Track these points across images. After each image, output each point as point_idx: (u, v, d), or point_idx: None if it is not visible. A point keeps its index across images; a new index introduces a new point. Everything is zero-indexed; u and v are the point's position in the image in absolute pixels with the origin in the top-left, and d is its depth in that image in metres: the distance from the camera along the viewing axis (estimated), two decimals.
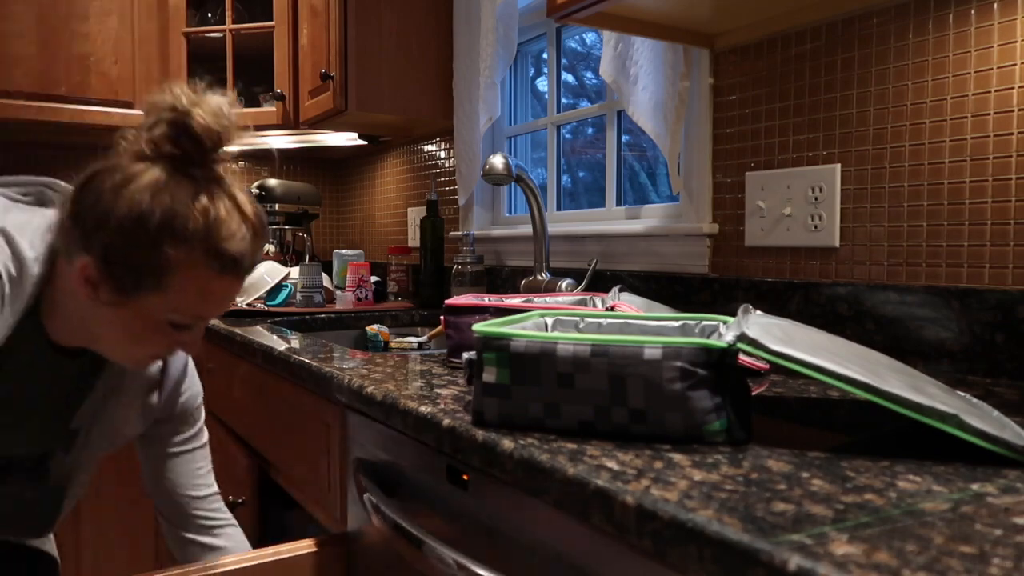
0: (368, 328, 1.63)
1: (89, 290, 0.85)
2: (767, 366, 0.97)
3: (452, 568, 0.69)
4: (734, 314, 1.20)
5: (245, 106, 2.49)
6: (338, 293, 1.99)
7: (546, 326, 0.84)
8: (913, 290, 1.01)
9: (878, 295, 1.05)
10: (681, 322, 0.80)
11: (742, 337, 0.63)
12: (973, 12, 0.96)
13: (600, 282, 1.54)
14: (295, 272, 1.97)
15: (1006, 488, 0.51)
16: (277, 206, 2.48)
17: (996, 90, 0.94)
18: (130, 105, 2.34)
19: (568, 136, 1.96)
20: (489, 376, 0.69)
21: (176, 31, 2.37)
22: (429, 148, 2.36)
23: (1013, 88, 0.92)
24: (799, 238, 1.17)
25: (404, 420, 0.80)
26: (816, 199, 1.14)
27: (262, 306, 1.91)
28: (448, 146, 2.25)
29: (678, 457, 0.59)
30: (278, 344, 1.28)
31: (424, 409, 0.77)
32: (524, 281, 1.59)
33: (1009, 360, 0.91)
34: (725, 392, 0.64)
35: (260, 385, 1.38)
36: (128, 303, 0.85)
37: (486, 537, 0.71)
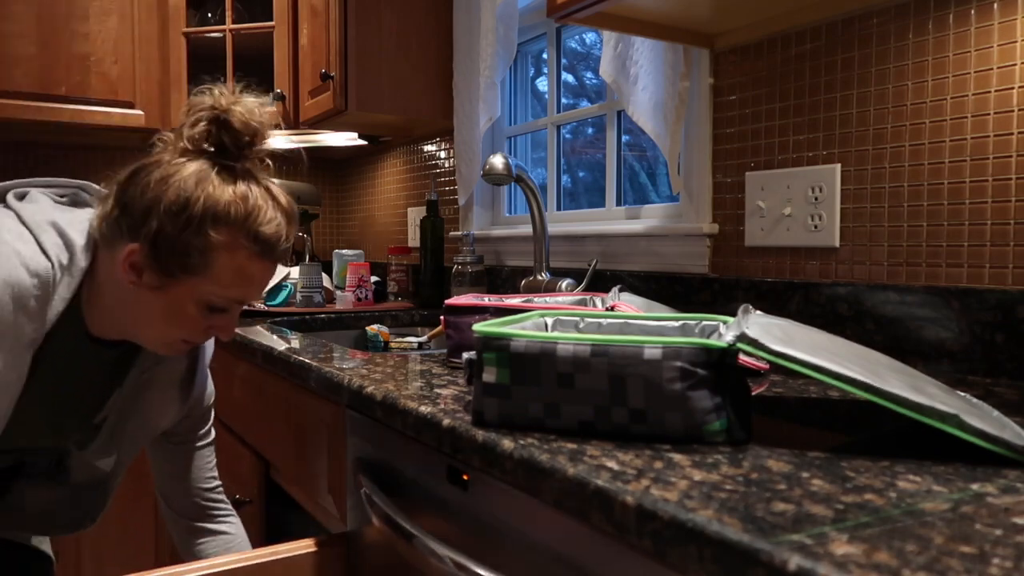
0: (368, 328, 1.63)
1: (134, 276, 0.91)
2: (767, 366, 0.97)
3: (451, 568, 0.69)
4: (734, 314, 1.20)
5: None
6: (338, 293, 1.99)
7: (546, 326, 0.84)
8: (913, 290, 1.01)
9: (878, 295, 1.05)
10: (681, 322, 0.80)
11: (742, 337, 0.63)
12: (973, 12, 0.96)
13: (600, 282, 1.54)
14: (295, 272, 1.97)
15: (1006, 488, 0.51)
16: None
17: (996, 90, 0.94)
18: (130, 105, 2.34)
19: (568, 136, 1.96)
20: (489, 376, 0.69)
21: (176, 31, 2.37)
22: (429, 148, 2.36)
23: (1013, 88, 0.92)
24: (799, 238, 1.17)
25: (404, 420, 0.80)
26: (816, 199, 1.14)
27: (262, 306, 1.91)
28: (448, 146, 2.25)
29: (678, 457, 0.59)
30: (278, 344, 1.28)
31: (424, 409, 0.77)
32: (524, 281, 1.59)
33: (1009, 360, 0.91)
34: (725, 392, 0.64)
35: (260, 385, 1.38)
36: (170, 287, 0.92)
37: (486, 537, 0.71)
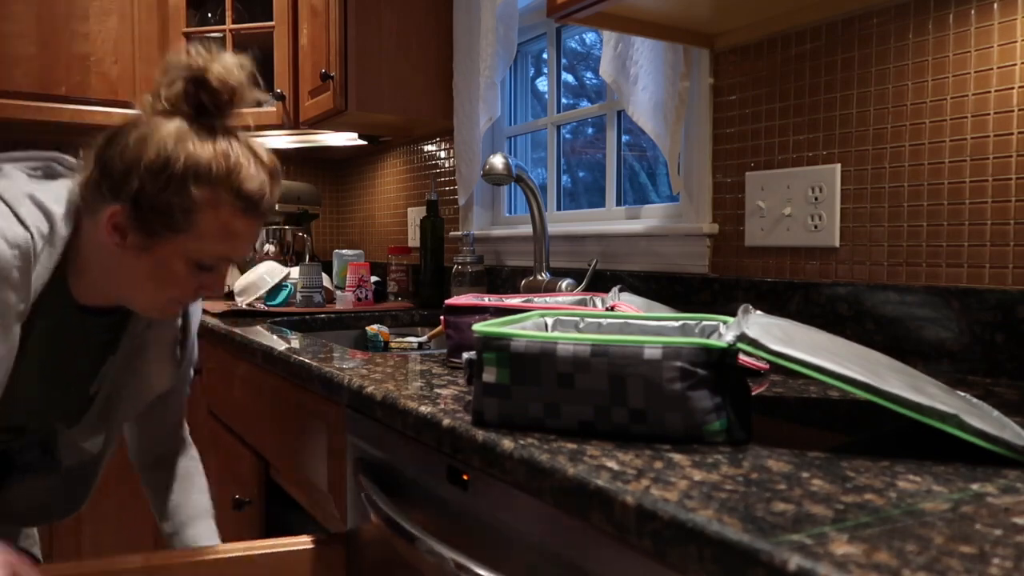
0: (368, 328, 1.63)
1: (117, 238, 0.91)
2: (767, 366, 0.97)
3: (451, 568, 0.69)
4: (734, 314, 1.20)
5: None
6: (338, 293, 1.99)
7: (546, 326, 0.84)
8: (913, 290, 1.01)
9: (878, 295, 1.05)
10: (681, 322, 0.80)
11: (742, 337, 0.63)
12: (973, 12, 0.96)
13: (600, 282, 1.54)
14: (295, 272, 1.97)
15: (1006, 488, 0.51)
16: (277, 206, 2.48)
17: (996, 90, 0.94)
18: (130, 105, 2.34)
19: (568, 136, 1.96)
20: (489, 376, 0.69)
21: (176, 31, 2.36)
22: (429, 148, 2.36)
23: (1013, 88, 0.92)
24: (799, 238, 1.17)
25: (404, 420, 0.80)
26: (816, 199, 1.14)
27: (262, 306, 1.91)
28: (448, 146, 2.25)
29: (678, 457, 0.59)
30: (278, 344, 1.28)
31: (424, 409, 0.77)
32: (524, 281, 1.59)
33: (1009, 360, 0.91)
34: (725, 392, 0.64)
35: (260, 385, 1.38)
36: (155, 247, 0.91)
37: (486, 537, 0.71)
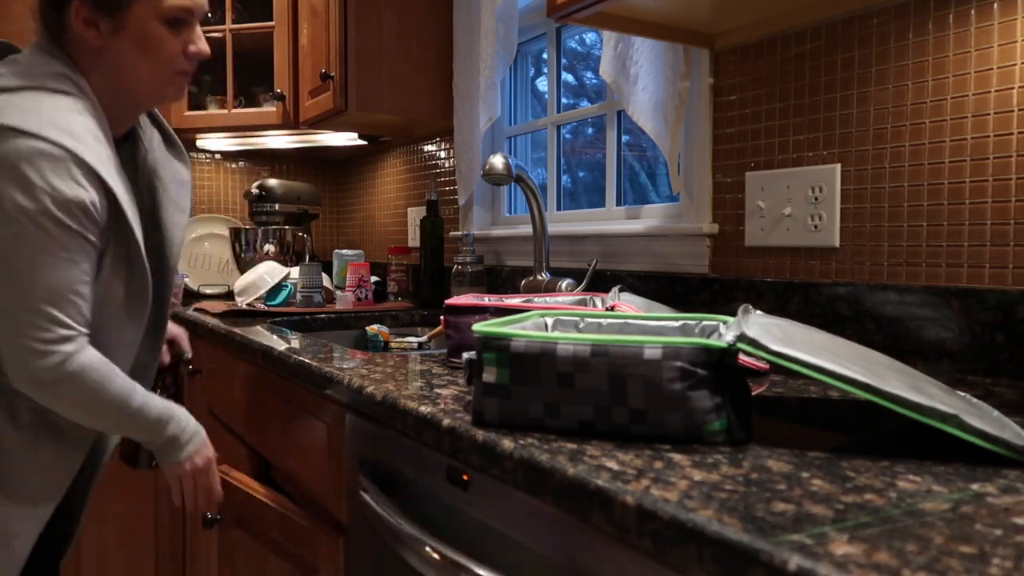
0: (368, 328, 1.63)
1: (94, 32, 1.02)
2: (767, 366, 0.97)
3: (451, 568, 0.69)
4: (734, 314, 1.20)
5: (245, 106, 2.49)
6: (338, 293, 1.99)
7: (546, 326, 0.84)
8: (913, 290, 1.01)
9: (878, 295, 1.05)
10: (681, 322, 0.80)
11: (742, 337, 0.63)
12: (973, 12, 0.96)
13: (600, 282, 1.54)
14: (295, 272, 1.97)
15: (1006, 488, 0.51)
16: (277, 206, 2.48)
17: (996, 90, 0.94)
18: None
19: (568, 136, 1.96)
20: (489, 376, 0.69)
21: None
22: (429, 148, 2.36)
23: (1013, 88, 0.92)
24: (799, 238, 1.17)
25: (404, 420, 0.80)
26: (816, 199, 1.14)
27: (262, 306, 1.91)
28: (448, 146, 2.25)
29: (678, 457, 0.59)
30: (278, 344, 1.28)
31: (424, 409, 0.77)
32: (524, 281, 1.59)
33: (1009, 360, 0.91)
34: (725, 392, 0.64)
35: (260, 385, 1.38)
36: (126, 21, 1.02)
37: (486, 537, 0.71)
